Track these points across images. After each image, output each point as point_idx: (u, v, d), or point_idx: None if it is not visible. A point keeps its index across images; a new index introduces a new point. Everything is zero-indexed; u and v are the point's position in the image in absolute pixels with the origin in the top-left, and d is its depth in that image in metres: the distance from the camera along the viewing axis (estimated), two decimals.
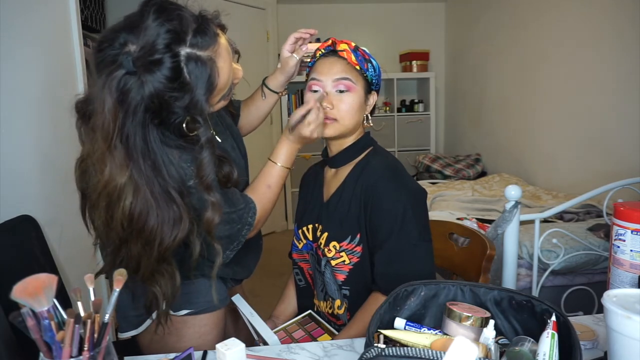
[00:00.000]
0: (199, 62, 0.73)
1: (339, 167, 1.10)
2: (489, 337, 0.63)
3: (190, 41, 0.73)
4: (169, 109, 0.74)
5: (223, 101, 0.86)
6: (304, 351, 0.81)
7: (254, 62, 3.59)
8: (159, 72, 0.71)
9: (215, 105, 0.84)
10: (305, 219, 1.14)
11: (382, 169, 1.02)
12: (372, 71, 1.05)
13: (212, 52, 0.76)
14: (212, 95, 0.78)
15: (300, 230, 1.15)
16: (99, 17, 2.60)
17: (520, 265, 1.78)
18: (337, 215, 1.05)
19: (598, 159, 2.47)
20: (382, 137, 4.05)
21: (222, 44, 0.79)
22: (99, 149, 0.72)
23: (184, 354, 0.74)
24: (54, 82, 1.50)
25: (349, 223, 1.03)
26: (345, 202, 1.05)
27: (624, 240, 0.97)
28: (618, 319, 0.59)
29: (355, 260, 1.01)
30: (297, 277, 1.18)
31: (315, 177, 1.19)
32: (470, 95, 3.97)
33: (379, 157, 1.07)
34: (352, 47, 1.03)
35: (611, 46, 2.35)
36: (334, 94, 1.02)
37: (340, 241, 1.02)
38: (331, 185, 1.11)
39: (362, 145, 1.08)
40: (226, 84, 0.81)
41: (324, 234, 1.06)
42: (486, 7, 3.60)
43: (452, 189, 2.91)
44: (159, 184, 0.75)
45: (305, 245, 1.13)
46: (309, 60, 1.10)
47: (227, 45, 0.81)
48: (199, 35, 0.74)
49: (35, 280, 0.56)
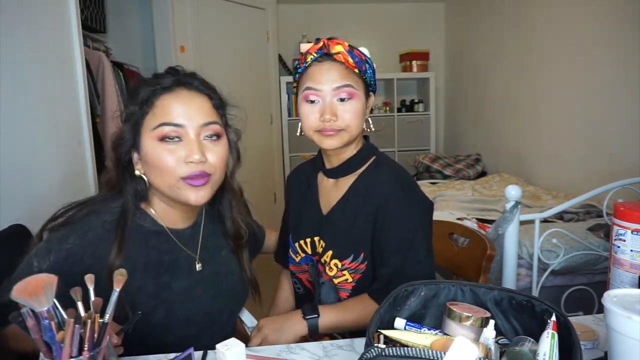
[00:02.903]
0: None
1: (338, 178, 1.04)
2: (489, 337, 0.63)
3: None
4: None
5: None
6: (304, 351, 0.81)
7: (253, 62, 3.59)
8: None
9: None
10: (303, 232, 1.07)
11: (392, 183, 0.97)
12: (370, 72, 0.98)
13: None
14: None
15: (297, 244, 1.08)
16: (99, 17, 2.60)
17: (520, 265, 1.77)
18: (340, 231, 1.00)
19: (598, 159, 2.47)
20: (382, 137, 4.05)
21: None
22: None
23: (184, 354, 0.74)
24: (54, 82, 1.50)
25: (353, 241, 0.98)
26: (349, 218, 0.99)
27: (624, 240, 0.97)
28: (618, 319, 0.59)
29: (358, 277, 0.99)
30: (296, 285, 1.14)
31: (307, 182, 1.11)
32: (470, 95, 3.97)
33: (386, 170, 1.00)
34: (346, 48, 0.94)
35: (611, 46, 2.34)
36: (335, 104, 0.93)
37: (342, 259, 0.98)
38: (331, 196, 1.04)
39: (364, 154, 1.02)
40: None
41: (328, 252, 1.00)
42: (486, 7, 3.60)
43: (452, 189, 2.91)
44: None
45: (304, 258, 1.08)
46: (299, 65, 0.98)
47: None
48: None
49: (35, 280, 0.56)
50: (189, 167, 0.82)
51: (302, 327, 0.94)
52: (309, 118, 0.96)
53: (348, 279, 0.99)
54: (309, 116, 0.95)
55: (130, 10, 2.98)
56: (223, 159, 0.88)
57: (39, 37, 1.43)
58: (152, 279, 0.86)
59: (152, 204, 0.90)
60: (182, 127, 0.83)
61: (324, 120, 0.93)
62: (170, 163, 0.82)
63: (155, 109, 0.83)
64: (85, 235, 0.81)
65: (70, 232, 0.81)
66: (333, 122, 0.93)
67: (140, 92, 0.84)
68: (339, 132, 0.94)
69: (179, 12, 2.94)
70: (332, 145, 0.95)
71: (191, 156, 0.82)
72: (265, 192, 3.77)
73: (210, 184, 0.86)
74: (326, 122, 0.93)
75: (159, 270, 0.88)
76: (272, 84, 3.80)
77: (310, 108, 0.95)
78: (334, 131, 0.94)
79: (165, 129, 0.82)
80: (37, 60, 1.42)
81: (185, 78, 0.87)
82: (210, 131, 0.85)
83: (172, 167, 0.82)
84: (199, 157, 0.82)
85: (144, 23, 2.98)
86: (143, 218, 0.89)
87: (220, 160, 0.87)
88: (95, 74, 2.33)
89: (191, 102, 0.84)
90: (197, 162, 0.82)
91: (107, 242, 0.81)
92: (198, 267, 0.93)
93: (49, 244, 0.80)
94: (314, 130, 0.96)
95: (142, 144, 0.84)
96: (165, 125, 0.82)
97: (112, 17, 2.86)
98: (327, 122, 0.93)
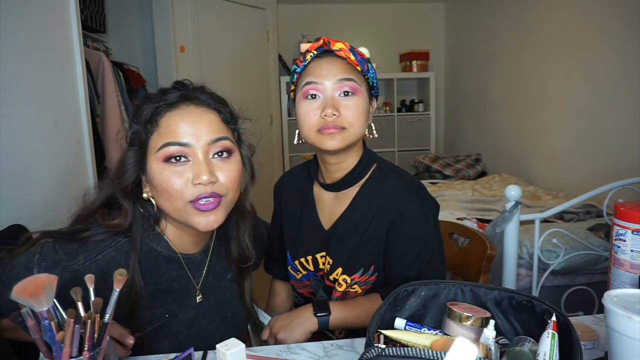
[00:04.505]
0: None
1: (340, 191, 0.98)
2: (489, 337, 0.63)
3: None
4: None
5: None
6: (304, 351, 0.81)
7: (253, 62, 3.59)
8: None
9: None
10: (303, 249, 1.01)
11: (405, 191, 0.93)
12: (373, 73, 0.95)
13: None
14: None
15: (297, 262, 1.03)
16: (99, 17, 2.60)
17: (521, 265, 1.77)
18: (348, 246, 0.95)
19: (598, 159, 2.47)
20: (382, 137, 4.03)
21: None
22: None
23: (184, 354, 0.74)
24: (54, 82, 1.50)
25: (363, 255, 0.94)
26: (357, 231, 0.94)
27: (625, 240, 0.97)
28: (618, 319, 0.59)
29: (367, 288, 0.97)
30: (297, 298, 1.11)
31: (300, 195, 1.05)
32: (471, 95, 3.97)
33: (393, 176, 0.95)
34: (348, 47, 0.90)
35: (611, 46, 2.34)
36: (337, 99, 0.87)
37: (351, 274, 0.95)
38: (333, 210, 0.99)
39: (365, 163, 0.96)
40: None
41: (337, 269, 0.96)
42: (486, 7, 3.60)
43: (452, 189, 2.91)
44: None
45: (305, 275, 1.04)
46: (298, 66, 0.93)
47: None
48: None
49: (35, 280, 0.56)
50: (197, 189, 0.76)
51: (312, 324, 0.91)
52: (308, 115, 0.88)
53: (358, 291, 0.97)
54: (308, 113, 0.88)
55: (130, 10, 2.98)
56: (236, 178, 0.80)
57: (39, 37, 1.43)
58: (160, 307, 0.83)
59: (165, 227, 0.84)
60: (189, 147, 0.76)
61: (325, 115, 0.86)
62: (177, 186, 0.75)
63: (160, 128, 0.78)
64: (95, 258, 0.76)
65: (79, 250, 0.76)
66: (335, 118, 0.86)
67: (145, 110, 0.79)
68: (341, 131, 0.87)
69: (179, 12, 2.94)
70: (335, 146, 0.87)
71: (199, 177, 0.75)
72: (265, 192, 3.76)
73: (223, 207, 0.79)
74: (328, 118, 0.86)
75: (167, 298, 0.84)
76: (272, 84, 3.80)
77: (310, 104, 0.88)
78: (337, 129, 0.87)
79: (170, 149, 0.76)
80: (37, 60, 1.42)
81: (192, 92, 0.81)
82: (219, 148, 0.78)
83: (179, 190, 0.75)
84: (207, 177, 0.75)
85: (144, 23, 2.98)
86: (157, 241, 0.83)
87: (232, 179, 0.79)
88: (95, 74, 2.33)
89: (198, 118, 0.78)
90: (206, 184, 0.75)
91: (118, 265, 0.76)
92: (198, 299, 0.88)
93: (56, 256, 0.75)
94: (315, 130, 0.88)
95: (148, 166, 0.78)
96: (170, 145, 0.76)
97: (112, 17, 2.86)
98: (329, 117, 0.86)
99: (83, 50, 1.65)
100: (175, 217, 0.80)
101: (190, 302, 0.87)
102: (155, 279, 0.82)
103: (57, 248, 0.76)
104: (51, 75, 1.49)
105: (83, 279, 0.60)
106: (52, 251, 0.75)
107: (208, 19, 3.14)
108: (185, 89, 0.82)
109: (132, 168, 0.79)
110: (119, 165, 0.81)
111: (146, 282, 0.80)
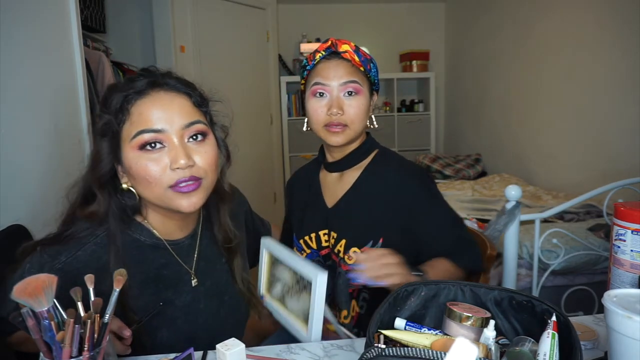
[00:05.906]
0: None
1: (342, 171, 1.08)
2: (489, 337, 0.63)
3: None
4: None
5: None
6: (304, 351, 0.81)
7: (253, 62, 3.59)
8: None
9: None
10: (307, 228, 1.10)
11: (407, 171, 1.03)
12: (374, 71, 1.05)
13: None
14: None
15: (301, 240, 1.10)
16: (99, 17, 2.60)
17: (521, 265, 1.78)
18: (353, 221, 1.02)
19: (598, 159, 2.47)
20: (382, 137, 4.00)
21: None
22: None
23: (184, 354, 0.74)
24: (54, 82, 1.50)
25: (369, 228, 1.01)
26: (362, 207, 1.02)
27: (625, 240, 0.97)
28: (618, 319, 0.59)
29: None
30: None
31: (308, 182, 1.15)
32: (471, 95, 3.97)
33: (394, 157, 1.07)
34: (353, 48, 1.01)
35: (611, 46, 2.34)
36: (341, 98, 1.00)
37: (361, 247, 1.00)
38: (336, 191, 1.08)
39: (367, 148, 1.07)
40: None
41: (342, 241, 1.02)
42: (486, 7, 3.60)
43: (452, 189, 2.91)
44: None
45: (310, 254, 1.10)
46: (308, 63, 1.05)
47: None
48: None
49: (35, 280, 0.56)
50: (176, 174, 0.76)
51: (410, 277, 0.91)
52: (317, 112, 1.01)
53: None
54: (317, 110, 1.01)
55: (130, 10, 2.98)
56: (213, 160, 0.81)
57: (39, 37, 1.43)
58: (152, 296, 0.82)
59: (147, 215, 0.85)
60: (163, 132, 0.76)
61: (330, 114, 0.99)
62: (156, 173, 0.76)
63: (131, 116, 0.77)
64: (75, 255, 0.77)
65: (61, 249, 0.77)
66: (339, 116, 0.99)
67: (114, 100, 0.78)
68: (344, 129, 1.00)
69: (179, 12, 2.94)
70: (338, 142, 1.01)
71: (177, 162, 0.75)
72: (265, 192, 3.77)
73: (202, 189, 0.80)
74: (333, 116, 0.99)
75: (159, 286, 0.84)
76: (272, 84, 3.80)
77: (318, 102, 1.01)
78: (340, 127, 0.99)
79: (144, 137, 0.76)
80: (37, 60, 1.42)
81: (160, 78, 0.80)
82: (193, 131, 0.79)
83: (157, 176, 0.76)
84: (185, 161, 0.75)
85: (144, 23, 2.98)
86: (139, 231, 0.84)
87: (209, 161, 0.80)
88: (95, 74, 2.33)
89: (170, 103, 0.78)
90: (184, 168, 0.76)
91: (99, 259, 0.77)
92: (194, 283, 0.88)
93: (42, 259, 0.76)
94: (322, 125, 1.01)
95: (123, 156, 0.78)
96: (145, 132, 0.76)
97: (112, 17, 2.86)
98: (334, 115, 0.98)
99: (83, 50, 1.65)
100: (157, 203, 0.80)
101: (185, 287, 0.87)
102: (141, 268, 0.83)
103: (42, 252, 0.77)
104: (51, 75, 1.49)
105: (67, 277, 0.60)
106: (39, 256, 0.77)
107: (208, 19, 3.14)
108: (153, 75, 0.81)
109: (107, 158, 0.79)
110: (93, 157, 0.80)
111: (133, 273, 0.78)
